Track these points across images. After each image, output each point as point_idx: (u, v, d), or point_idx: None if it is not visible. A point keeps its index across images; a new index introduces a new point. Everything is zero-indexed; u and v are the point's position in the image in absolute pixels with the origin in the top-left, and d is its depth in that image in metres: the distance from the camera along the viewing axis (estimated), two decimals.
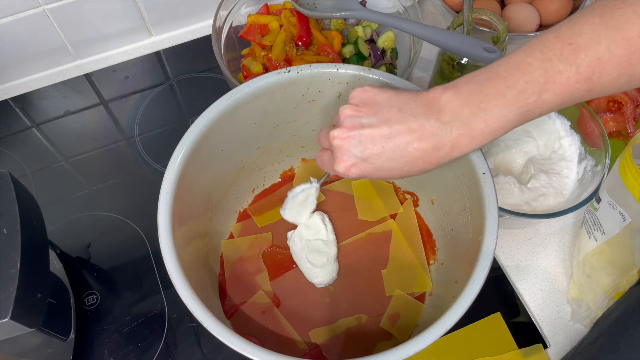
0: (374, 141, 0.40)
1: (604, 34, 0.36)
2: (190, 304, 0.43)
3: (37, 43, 0.77)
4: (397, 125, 0.40)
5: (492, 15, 0.66)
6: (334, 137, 0.42)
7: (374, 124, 0.41)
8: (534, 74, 0.38)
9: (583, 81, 0.37)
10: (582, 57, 0.37)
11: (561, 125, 0.65)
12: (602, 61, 0.36)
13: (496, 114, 0.38)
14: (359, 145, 0.41)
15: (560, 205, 0.62)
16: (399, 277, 0.60)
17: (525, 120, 0.39)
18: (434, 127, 0.39)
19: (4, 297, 0.44)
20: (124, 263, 0.65)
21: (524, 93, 0.38)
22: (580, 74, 0.37)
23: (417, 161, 0.40)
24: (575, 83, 0.37)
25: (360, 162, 0.41)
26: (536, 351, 0.58)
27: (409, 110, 0.40)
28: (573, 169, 0.63)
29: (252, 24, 0.70)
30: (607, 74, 0.37)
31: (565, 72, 0.37)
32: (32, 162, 0.73)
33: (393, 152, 0.40)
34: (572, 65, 0.37)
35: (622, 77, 0.37)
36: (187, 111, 0.78)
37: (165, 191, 0.48)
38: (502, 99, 0.38)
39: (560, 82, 0.37)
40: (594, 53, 0.36)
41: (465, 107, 0.39)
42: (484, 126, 0.39)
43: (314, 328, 0.57)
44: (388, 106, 0.41)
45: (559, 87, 0.37)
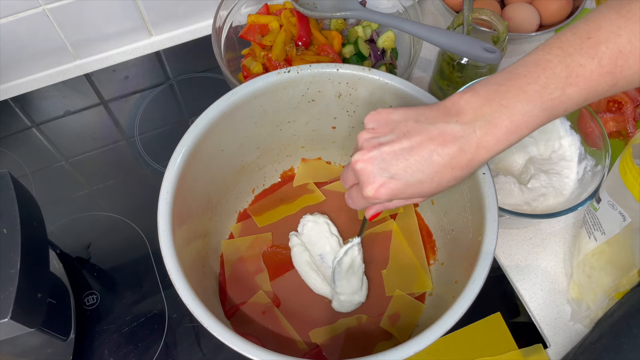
0: (397, 157, 0.39)
1: (624, 27, 0.36)
2: (190, 304, 0.43)
3: (37, 43, 0.77)
4: (417, 136, 0.39)
5: (492, 15, 0.66)
6: (356, 161, 0.40)
7: (394, 140, 0.39)
8: (555, 69, 0.37)
9: (606, 74, 0.36)
10: (603, 49, 0.36)
11: (561, 125, 0.65)
12: (623, 53, 0.36)
13: (520, 110, 0.37)
14: (382, 163, 0.39)
15: (560, 205, 0.62)
16: (399, 277, 0.60)
17: (552, 117, 0.38)
18: (455, 130, 0.38)
19: (4, 297, 0.44)
20: (124, 263, 0.65)
21: (547, 88, 0.37)
22: (603, 67, 0.36)
23: (446, 168, 0.39)
24: (598, 77, 0.36)
25: (388, 181, 0.39)
26: (536, 351, 0.58)
27: (425, 120, 0.39)
28: (573, 169, 0.63)
29: (252, 24, 0.70)
30: (629, 67, 0.36)
31: (588, 66, 0.36)
32: (32, 162, 0.73)
33: (419, 164, 0.39)
34: (593, 58, 0.36)
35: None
36: (187, 111, 0.78)
37: (165, 191, 0.48)
38: (523, 95, 0.37)
39: (583, 76, 0.36)
40: (615, 45, 0.36)
41: (486, 106, 0.38)
42: (508, 123, 0.37)
43: (314, 328, 0.57)
44: (404, 121, 0.40)
45: (583, 81, 0.37)
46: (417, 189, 0.40)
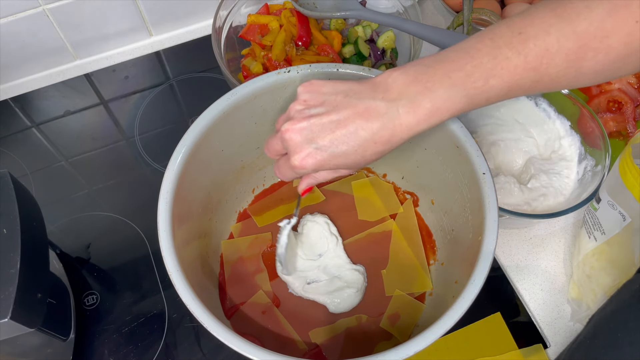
0: (324, 129, 0.41)
1: (555, 25, 0.37)
2: (190, 304, 0.43)
3: (37, 43, 0.77)
4: (344, 110, 0.41)
5: (492, 15, 0.67)
6: (286, 130, 0.42)
7: (322, 113, 0.41)
8: (482, 59, 0.38)
9: (530, 70, 0.38)
10: (530, 46, 0.37)
11: (561, 125, 0.65)
12: (550, 52, 0.37)
13: (442, 95, 0.39)
14: (310, 134, 0.41)
15: (560, 205, 0.62)
16: (399, 277, 0.60)
17: (473, 105, 0.40)
18: (379, 106, 0.40)
19: (4, 297, 0.44)
20: (124, 263, 0.65)
21: (471, 77, 0.38)
22: (528, 63, 0.37)
23: (368, 143, 0.40)
24: (522, 72, 0.38)
25: (314, 152, 0.41)
26: (536, 351, 0.58)
27: (354, 95, 0.41)
28: (573, 169, 0.63)
29: (252, 24, 0.70)
30: (555, 66, 0.37)
31: (514, 60, 0.38)
32: (32, 162, 0.73)
33: (344, 137, 0.40)
34: (520, 53, 0.37)
35: (569, 71, 0.38)
36: (187, 111, 0.78)
37: (165, 191, 0.48)
38: (448, 80, 0.39)
39: (507, 69, 0.38)
40: (543, 43, 0.37)
41: (412, 86, 0.39)
42: (429, 105, 0.39)
43: (314, 328, 0.57)
44: (334, 94, 0.42)
45: (507, 74, 0.38)
46: (342, 160, 0.42)
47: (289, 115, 0.44)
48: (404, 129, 0.40)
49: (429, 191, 0.61)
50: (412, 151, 0.58)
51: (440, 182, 0.57)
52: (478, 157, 0.48)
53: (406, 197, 0.65)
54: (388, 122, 0.40)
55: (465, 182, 0.51)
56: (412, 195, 0.64)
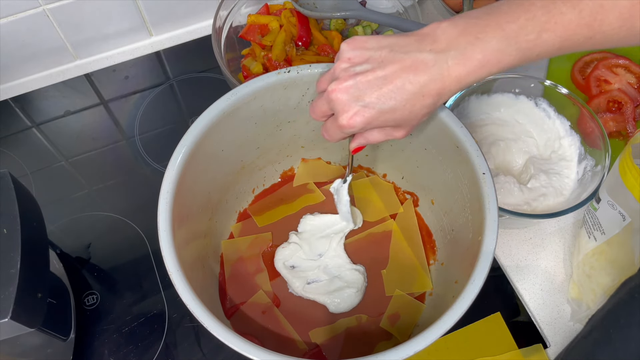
0: (371, 85, 0.40)
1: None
2: (190, 304, 0.43)
3: (37, 43, 0.77)
4: (390, 65, 0.40)
5: None
6: (332, 90, 0.41)
7: (368, 70, 0.40)
8: (537, 12, 0.37)
9: (584, 26, 0.37)
10: (585, 1, 0.37)
11: (561, 125, 0.65)
12: (604, 8, 0.36)
13: (494, 46, 0.38)
14: (356, 92, 0.40)
15: (560, 205, 0.62)
16: (399, 277, 0.60)
17: (524, 59, 0.39)
18: (427, 58, 0.39)
19: (4, 297, 0.44)
20: (124, 263, 0.65)
21: (524, 29, 0.38)
22: (582, 19, 0.37)
23: (416, 96, 0.39)
24: (576, 27, 0.37)
25: (362, 109, 0.41)
26: (536, 351, 0.58)
27: (400, 49, 0.40)
28: (573, 169, 0.63)
29: (252, 24, 0.70)
30: (608, 23, 0.37)
31: (568, 14, 0.37)
32: (32, 162, 0.73)
33: (392, 92, 0.40)
34: (575, 8, 0.37)
35: (622, 29, 0.37)
36: (187, 111, 0.78)
37: (165, 191, 0.48)
38: (500, 32, 0.38)
39: (562, 24, 0.37)
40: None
41: (462, 37, 0.39)
42: (481, 57, 0.38)
43: (314, 328, 0.57)
44: (379, 49, 0.41)
45: (560, 28, 0.37)
46: (391, 116, 0.41)
47: (334, 75, 0.43)
48: (453, 81, 0.39)
49: (429, 191, 0.61)
50: (413, 151, 0.58)
51: (440, 182, 0.57)
52: (478, 157, 0.48)
53: (406, 197, 0.65)
54: (437, 74, 0.39)
55: (465, 182, 0.51)
56: (412, 195, 0.64)
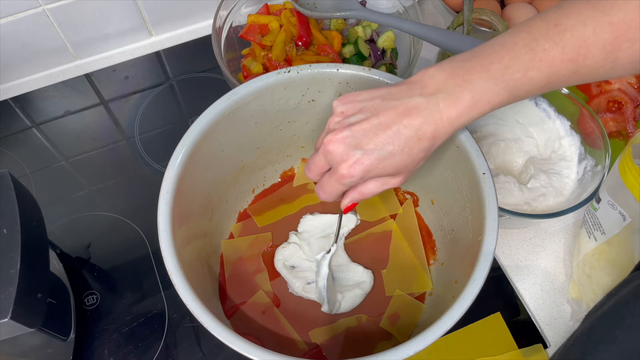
0: (367, 133, 0.40)
1: (591, 17, 0.37)
2: (190, 304, 0.43)
3: (37, 43, 0.77)
4: (384, 112, 0.40)
5: (492, 15, 0.67)
6: (329, 141, 0.41)
7: (363, 119, 0.41)
8: (520, 51, 0.38)
9: (568, 61, 0.38)
10: (567, 37, 0.37)
11: (561, 125, 0.65)
12: (587, 43, 0.37)
13: (481, 86, 0.39)
14: (353, 140, 0.41)
15: (560, 205, 0.62)
16: (399, 277, 0.60)
17: (513, 97, 0.39)
18: (418, 102, 0.39)
19: (4, 297, 0.44)
20: (124, 263, 0.65)
21: (510, 68, 0.38)
22: (566, 54, 0.37)
23: (412, 140, 0.40)
24: (561, 63, 0.38)
25: (362, 157, 0.41)
26: (536, 351, 0.58)
27: (391, 97, 0.41)
28: (573, 169, 0.63)
29: (252, 24, 0.70)
30: (592, 57, 0.38)
31: (551, 51, 0.38)
32: (32, 162, 0.73)
33: (389, 138, 0.40)
34: (557, 44, 0.37)
35: (606, 62, 0.38)
36: (187, 111, 0.78)
37: (165, 191, 0.48)
38: (486, 72, 0.39)
39: (546, 60, 0.38)
40: (580, 34, 0.37)
41: (449, 80, 0.39)
42: (470, 97, 0.39)
43: (314, 328, 0.57)
44: (371, 99, 0.42)
45: (545, 66, 0.38)
46: (390, 162, 0.41)
47: (328, 129, 0.43)
48: (445, 123, 0.39)
49: (429, 191, 0.61)
50: None
51: (440, 182, 0.57)
52: (478, 157, 0.48)
53: (406, 197, 0.65)
54: (429, 116, 0.39)
55: (465, 182, 0.51)
56: (412, 195, 0.64)
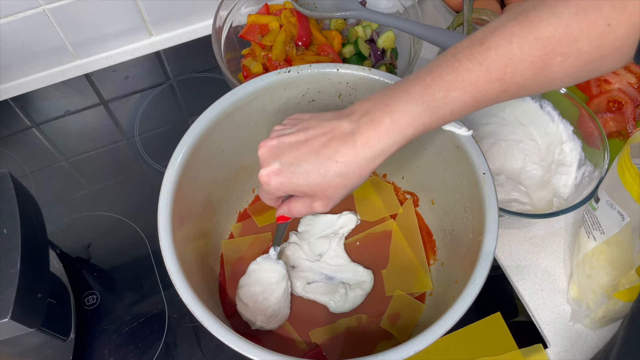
0: (291, 147, 0.42)
1: (517, 34, 0.36)
2: (190, 304, 0.43)
3: (37, 43, 0.77)
4: (312, 130, 0.42)
5: (492, 15, 0.67)
6: (260, 147, 0.44)
7: (293, 133, 0.43)
8: (442, 72, 0.38)
9: (495, 80, 0.37)
10: (492, 55, 0.37)
11: (564, 130, 0.65)
12: (513, 61, 0.36)
13: (400, 108, 0.39)
14: (277, 151, 0.43)
15: (559, 205, 0.62)
16: (399, 277, 0.60)
17: (438, 118, 0.39)
18: (344, 126, 0.41)
19: (4, 297, 0.44)
20: (124, 263, 0.65)
21: (430, 89, 0.38)
22: (491, 73, 0.37)
23: (330, 161, 0.40)
24: (486, 82, 0.37)
25: (279, 168, 0.42)
26: (536, 351, 0.58)
27: (324, 118, 0.43)
28: (572, 174, 0.63)
29: (252, 24, 0.70)
30: (520, 74, 0.37)
31: (475, 71, 0.37)
32: (32, 162, 0.73)
33: (307, 155, 0.41)
34: (481, 64, 0.37)
35: (538, 77, 0.37)
36: (187, 111, 0.78)
37: (165, 191, 0.48)
38: (406, 95, 0.39)
39: (469, 80, 0.37)
40: (505, 52, 0.36)
41: (373, 107, 0.40)
42: (389, 121, 0.39)
43: (314, 328, 0.57)
44: (308, 119, 0.44)
45: (469, 85, 0.38)
46: (304, 178, 0.42)
47: None
48: (365, 148, 0.40)
49: (429, 191, 0.61)
50: (413, 151, 0.58)
51: (440, 182, 0.57)
52: (478, 157, 0.48)
53: (406, 197, 0.65)
54: (350, 140, 0.40)
55: (465, 182, 0.51)
56: (412, 195, 0.64)
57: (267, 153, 0.43)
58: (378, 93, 0.41)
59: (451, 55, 0.39)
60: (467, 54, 0.38)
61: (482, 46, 0.37)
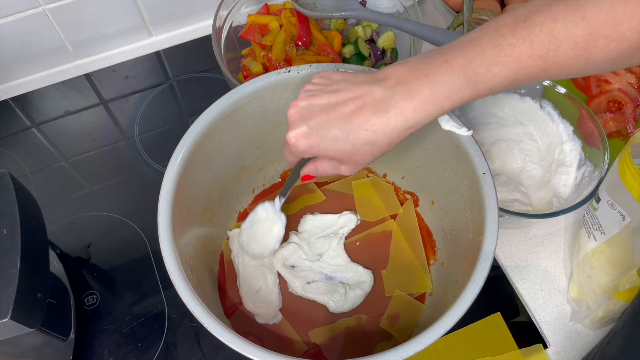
0: (322, 109, 0.41)
1: (562, 12, 0.35)
2: (190, 304, 0.43)
3: (37, 43, 0.77)
4: (343, 93, 0.40)
5: (492, 15, 0.67)
6: (290, 107, 0.43)
7: (323, 95, 0.41)
8: (485, 46, 0.37)
9: (537, 58, 0.36)
10: (536, 32, 0.36)
11: (564, 130, 0.65)
12: (557, 39, 0.36)
13: (440, 80, 0.38)
14: (307, 113, 0.41)
15: (559, 205, 0.62)
16: (399, 277, 0.60)
17: (476, 93, 0.38)
18: (376, 91, 0.39)
19: (4, 297, 0.44)
20: (124, 263, 0.65)
21: (472, 62, 0.37)
22: (534, 50, 0.36)
23: (360, 129, 0.39)
24: (528, 59, 0.36)
25: (307, 131, 0.41)
26: (536, 351, 0.58)
27: (356, 82, 0.41)
28: (572, 174, 0.63)
29: (252, 24, 0.70)
30: (563, 53, 0.36)
31: (518, 46, 0.36)
32: (32, 162, 0.73)
33: (336, 120, 0.40)
34: (525, 40, 0.36)
35: (579, 59, 0.36)
36: (187, 111, 0.78)
37: (165, 191, 0.48)
38: (447, 66, 0.38)
39: (512, 56, 0.36)
40: (549, 29, 0.36)
41: (410, 75, 0.39)
42: (428, 92, 0.38)
43: (314, 328, 0.57)
44: (339, 81, 0.42)
45: (511, 61, 0.37)
46: (332, 144, 0.41)
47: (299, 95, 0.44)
48: (398, 117, 0.38)
49: (429, 191, 0.61)
50: (413, 151, 0.58)
51: (440, 182, 0.57)
52: (478, 157, 0.48)
53: (406, 197, 0.65)
54: (382, 108, 0.39)
55: (466, 182, 0.51)
56: (412, 195, 0.64)
57: (297, 115, 0.42)
58: (414, 59, 0.39)
59: (494, 30, 0.37)
60: (511, 30, 0.37)
61: (526, 22, 0.36)
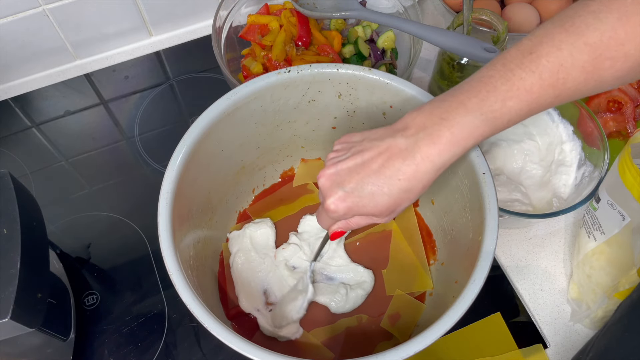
0: (351, 172, 0.42)
1: (565, 41, 0.37)
2: (190, 304, 0.43)
3: (37, 43, 0.77)
4: (367, 152, 0.42)
5: (492, 15, 0.66)
6: (318, 177, 0.44)
7: (349, 158, 0.43)
8: (496, 83, 0.38)
9: (548, 87, 0.38)
10: (543, 63, 0.37)
11: (564, 130, 0.65)
12: (565, 67, 0.37)
13: (459, 122, 0.39)
14: (338, 178, 0.42)
15: (559, 205, 0.62)
16: (399, 277, 0.60)
17: (495, 128, 0.40)
18: (400, 143, 0.40)
19: (4, 297, 0.44)
20: (124, 263, 0.65)
21: (486, 101, 0.39)
22: (544, 80, 0.38)
23: (393, 180, 0.41)
24: (539, 89, 0.38)
25: (344, 195, 0.42)
26: (536, 351, 0.58)
27: (377, 138, 0.42)
28: (572, 174, 0.63)
29: (252, 24, 0.70)
30: (572, 79, 0.37)
31: (528, 79, 0.38)
32: (32, 162, 0.73)
33: (369, 177, 0.41)
34: (534, 72, 0.38)
35: (589, 82, 0.38)
36: (187, 111, 0.78)
37: (165, 191, 0.48)
38: (463, 108, 0.39)
39: (524, 89, 0.38)
40: (556, 59, 0.37)
41: (428, 120, 0.40)
42: (449, 134, 0.39)
43: (315, 328, 0.57)
44: (360, 141, 0.43)
45: (524, 94, 0.38)
46: (371, 201, 0.42)
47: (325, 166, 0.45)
48: (426, 162, 0.40)
49: (429, 191, 0.61)
50: None
51: (440, 182, 0.57)
52: (478, 157, 0.48)
53: None
54: (409, 156, 0.40)
55: (466, 182, 0.51)
56: None
57: (328, 182, 0.43)
58: (429, 104, 0.41)
59: (502, 65, 0.39)
60: (519, 64, 0.38)
61: (532, 55, 0.38)
